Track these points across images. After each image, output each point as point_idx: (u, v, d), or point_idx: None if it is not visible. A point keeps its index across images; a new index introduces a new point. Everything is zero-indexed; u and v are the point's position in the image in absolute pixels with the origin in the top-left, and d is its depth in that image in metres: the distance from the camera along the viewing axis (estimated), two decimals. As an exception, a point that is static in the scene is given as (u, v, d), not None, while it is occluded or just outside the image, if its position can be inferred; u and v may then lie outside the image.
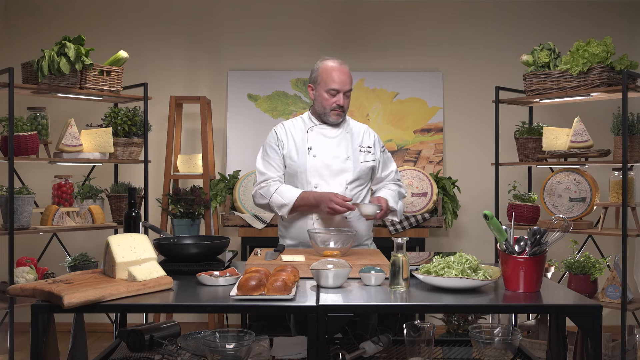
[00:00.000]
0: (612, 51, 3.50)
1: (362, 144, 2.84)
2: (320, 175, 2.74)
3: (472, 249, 4.69)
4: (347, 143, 2.80)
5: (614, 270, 3.60)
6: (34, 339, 1.79)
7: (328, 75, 2.74)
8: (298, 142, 2.79)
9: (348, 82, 2.76)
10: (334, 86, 2.73)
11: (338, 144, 2.79)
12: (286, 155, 2.79)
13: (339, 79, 2.73)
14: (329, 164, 2.75)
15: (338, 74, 2.74)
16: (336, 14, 4.83)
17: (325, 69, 2.76)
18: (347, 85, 2.75)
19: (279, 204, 2.71)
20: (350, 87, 2.78)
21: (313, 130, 2.81)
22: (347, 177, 2.75)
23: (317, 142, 2.78)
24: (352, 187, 2.76)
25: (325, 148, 2.78)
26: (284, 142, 2.80)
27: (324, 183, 2.73)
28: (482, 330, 1.96)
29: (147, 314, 3.86)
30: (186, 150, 4.79)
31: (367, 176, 2.84)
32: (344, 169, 2.76)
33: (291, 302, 1.84)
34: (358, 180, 2.78)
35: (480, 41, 4.81)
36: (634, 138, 3.54)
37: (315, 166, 2.75)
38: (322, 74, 2.76)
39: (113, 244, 2.06)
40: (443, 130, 4.79)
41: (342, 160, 2.77)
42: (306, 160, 2.75)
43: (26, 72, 3.58)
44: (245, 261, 2.62)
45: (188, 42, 4.83)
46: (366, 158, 2.82)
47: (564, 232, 2.07)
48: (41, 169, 4.35)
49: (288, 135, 2.82)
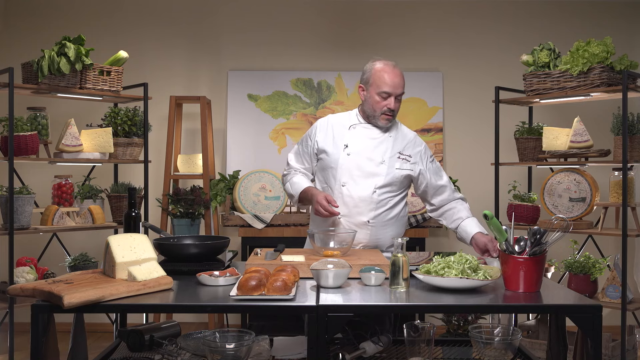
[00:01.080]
0: (612, 51, 3.50)
1: (404, 152, 2.74)
2: (350, 174, 2.70)
3: (472, 249, 4.67)
4: (387, 147, 2.72)
5: (614, 270, 3.60)
6: (34, 339, 1.79)
7: (380, 77, 2.65)
8: (337, 137, 2.75)
9: (401, 85, 2.66)
10: (386, 89, 2.64)
11: (377, 146, 2.71)
12: (320, 149, 2.78)
13: (391, 82, 2.64)
14: (361, 165, 2.69)
15: (391, 77, 2.64)
16: (336, 14, 4.83)
17: (378, 70, 2.66)
18: (399, 88, 2.66)
19: (289, 193, 2.85)
20: (403, 91, 2.68)
21: (356, 128, 2.76)
22: (377, 182, 2.68)
23: (355, 141, 2.73)
24: (380, 192, 2.68)
25: (362, 148, 2.71)
26: (321, 134, 2.78)
27: (353, 183, 2.69)
28: (482, 330, 1.96)
29: (147, 314, 3.85)
30: (186, 150, 4.79)
31: (401, 184, 2.74)
32: (376, 173, 2.69)
33: (291, 302, 1.84)
34: (389, 186, 2.70)
35: (480, 41, 4.81)
36: (634, 138, 3.54)
37: (347, 164, 2.70)
38: (374, 75, 2.67)
39: (113, 244, 2.06)
40: (443, 130, 4.79)
41: (376, 163, 2.69)
42: (339, 157, 2.72)
43: (26, 72, 3.58)
44: (245, 261, 2.62)
45: (188, 42, 4.83)
46: (403, 166, 2.72)
47: (564, 232, 2.07)
48: (41, 169, 4.35)
49: (328, 129, 2.79)
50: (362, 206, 2.68)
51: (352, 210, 2.69)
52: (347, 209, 2.69)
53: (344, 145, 2.72)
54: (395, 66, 2.69)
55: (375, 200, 2.68)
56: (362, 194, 2.68)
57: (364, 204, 2.68)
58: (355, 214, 2.69)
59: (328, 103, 4.75)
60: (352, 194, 2.68)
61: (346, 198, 2.69)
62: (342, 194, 2.69)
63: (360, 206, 2.68)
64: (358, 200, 2.68)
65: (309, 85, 4.77)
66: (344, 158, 2.71)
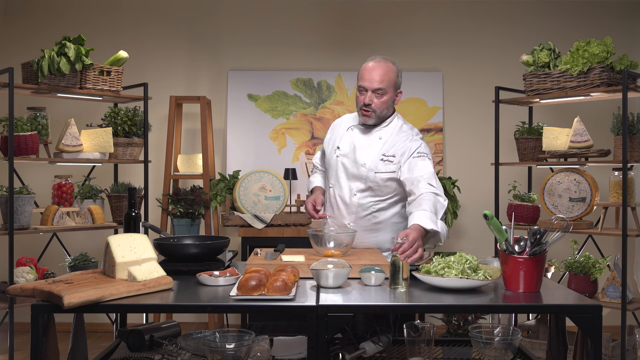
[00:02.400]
0: (612, 51, 3.50)
1: (388, 152, 2.61)
2: (337, 176, 2.71)
3: (472, 249, 4.68)
4: (373, 150, 2.64)
5: (614, 270, 3.60)
6: (34, 339, 1.79)
7: (360, 72, 2.61)
8: (336, 138, 2.78)
9: (377, 79, 2.55)
10: (361, 83, 2.59)
11: (364, 149, 2.65)
12: (324, 149, 2.86)
13: (367, 76, 2.57)
14: (347, 167, 2.68)
15: (368, 71, 2.57)
16: (336, 14, 4.83)
17: (364, 65, 2.62)
18: (375, 83, 2.55)
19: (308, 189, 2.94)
20: (381, 86, 2.56)
21: (352, 129, 2.74)
22: (358, 185, 2.65)
23: (346, 143, 2.72)
24: (362, 196, 2.64)
25: (349, 150, 2.69)
26: (328, 136, 2.85)
27: (338, 185, 2.71)
28: (482, 330, 1.96)
29: (147, 314, 3.85)
30: (186, 150, 4.79)
31: (386, 189, 2.62)
32: (358, 176, 2.64)
33: (291, 302, 1.84)
34: (370, 191, 2.62)
35: (480, 41, 4.81)
36: (634, 138, 3.54)
37: (336, 166, 2.72)
38: (361, 70, 2.62)
39: (113, 244, 2.06)
40: (443, 130, 4.79)
41: (358, 166, 2.64)
42: (332, 158, 2.75)
43: (26, 72, 3.58)
44: (245, 261, 2.62)
45: (188, 42, 4.83)
46: (384, 169, 2.59)
47: (564, 232, 2.07)
48: (41, 169, 4.35)
49: (334, 130, 2.84)
50: (343, 208, 2.70)
51: (335, 212, 2.73)
52: (333, 210, 2.74)
53: (336, 147, 2.75)
54: (380, 61, 2.59)
55: (355, 204, 2.66)
56: (344, 196, 2.69)
57: (344, 207, 2.70)
58: (338, 215, 2.73)
59: (328, 103, 4.75)
60: (337, 195, 2.72)
61: (332, 199, 2.74)
62: (330, 195, 2.76)
63: (342, 208, 2.71)
64: (340, 202, 2.71)
65: (309, 85, 4.76)
66: (334, 160, 2.74)
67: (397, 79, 2.63)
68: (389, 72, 2.58)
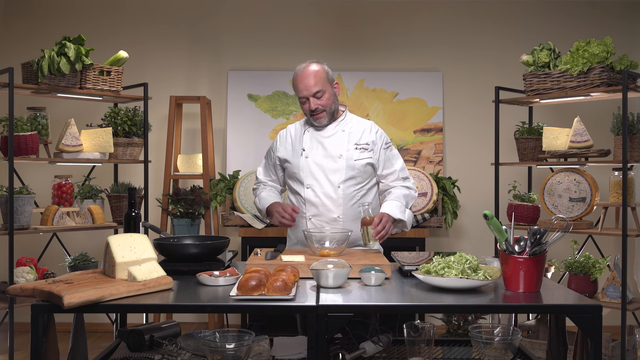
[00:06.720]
0: (612, 51, 3.50)
1: (360, 142, 2.77)
2: (312, 175, 2.76)
3: (472, 249, 4.69)
4: (342, 142, 2.77)
5: (614, 270, 3.60)
6: (34, 339, 1.79)
7: (295, 85, 2.74)
8: (295, 145, 2.83)
9: (311, 84, 2.68)
10: (300, 94, 2.73)
11: (332, 143, 2.77)
12: (282, 159, 2.85)
13: (302, 86, 2.70)
14: (320, 164, 2.75)
15: (301, 80, 2.70)
16: (336, 14, 4.83)
17: (294, 79, 2.75)
18: (311, 88, 2.68)
19: (258, 208, 2.89)
20: (318, 89, 2.69)
21: (309, 131, 2.83)
22: (340, 177, 2.73)
23: (310, 144, 2.80)
24: (346, 187, 2.73)
25: (317, 149, 2.78)
26: (281, 146, 2.87)
27: (317, 183, 2.75)
28: (482, 330, 1.96)
29: (147, 314, 3.85)
30: (186, 150, 4.79)
31: (365, 174, 2.77)
32: (336, 169, 2.74)
33: (291, 302, 1.84)
34: (353, 179, 2.74)
35: (480, 41, 4.81)
36: (634, 138, 3.54)
37: (307, 167, 2.77)
38: (293, 84, 2.77)
39: (113, 244, 2.06)
40: (443, 130, 4.79)
41: (334, 159, 2.74)
42: (299, 162, 2.78)
43: (26, 72, 3.58)
44: (245, 261, 2.62)
45: (188, 42, 4.83)
46: (361, 156, 2.75)
47: (564, 232, 2.07)
48: (41, 169, 4.35)
49: (287, 139, 2.87)
50: (329, 204, 2.73)
51: (320, 209, 2.75)
52: (316, 209, 2.75)
53: (301, 150, 2.79)
54: (308, 66, 2.71)
55: (342, 195, 2.73)
56: (327, 191, 2.73)
57: (330, 202, 2.73)
58: (324, 212, 2.74)
59: (328, 103, 4.75)
60: (318, 193, 2.74)
61: (313, 199, 2.75)
62: (309, 196, 2.76)
63: (328, 204, 2.73)
64: (324, 198, 2.73)
65: (309, 85, 4.76)
66: (304, 162, 2.78)
67: (327, 75, 2.75)
68: (319, 73, 2.71)
